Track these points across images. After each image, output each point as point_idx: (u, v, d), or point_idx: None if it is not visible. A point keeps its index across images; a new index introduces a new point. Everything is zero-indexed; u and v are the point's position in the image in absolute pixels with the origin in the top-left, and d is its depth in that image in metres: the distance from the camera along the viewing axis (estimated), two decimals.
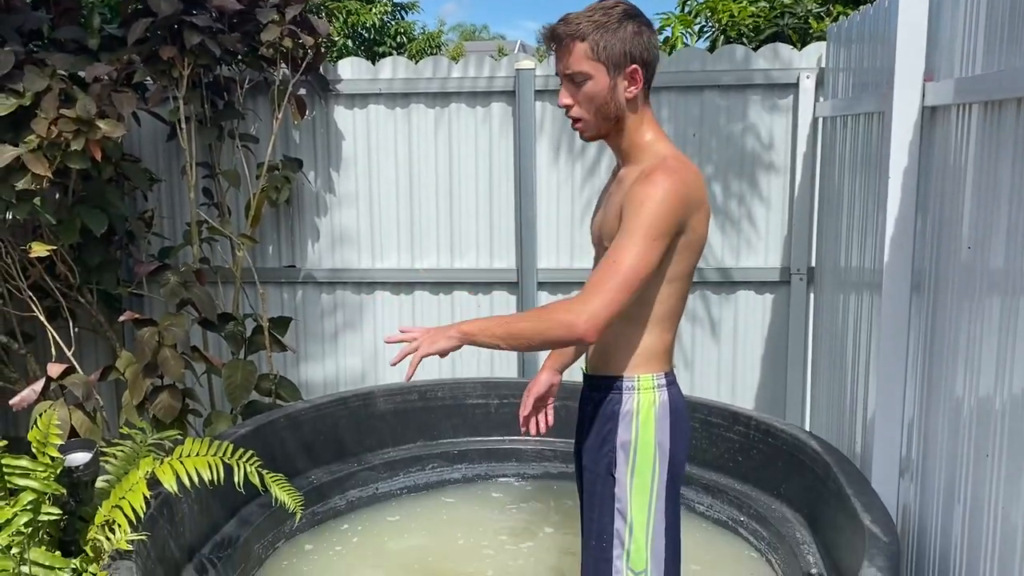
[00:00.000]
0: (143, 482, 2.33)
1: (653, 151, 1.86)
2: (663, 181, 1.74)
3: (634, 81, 1.83)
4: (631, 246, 1.72)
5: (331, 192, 4.14)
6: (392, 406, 3.57)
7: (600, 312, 1.70)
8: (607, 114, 1.84)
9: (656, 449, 1.89)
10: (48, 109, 3.00)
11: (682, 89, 3.86)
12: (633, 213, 1.74)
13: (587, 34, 1.79)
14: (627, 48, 1.80)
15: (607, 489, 1.91)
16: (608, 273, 1.72)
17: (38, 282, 3.51)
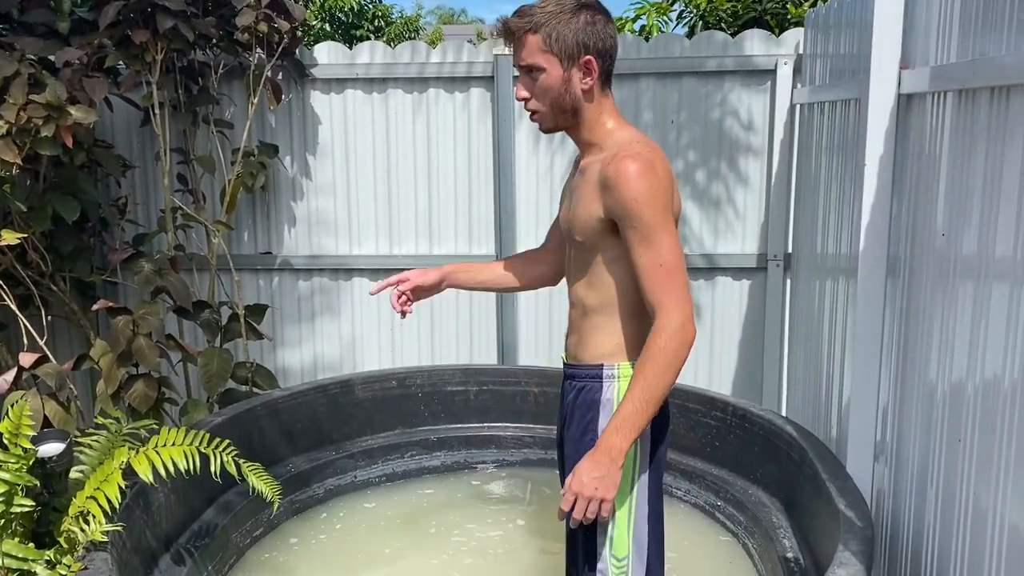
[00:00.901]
0: (118, 472, 2.31)
1: (614, 139, 1.86)
2: (642, 168, 1.74)
3: (589, 72, 1.82)
4: (658, 243, 1.74)
5: (308, 178, 4.10)
6: (371, 393, 3.55)
7: (686, 313, 1.74)
8: (563, 106, 1.84)
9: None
10: (16, 94, 2.94)
11: (661, 75, 3.86)
12: (634, 214, 1.74)
13: (540, 25, 1.78)
14: (580, 39, 1.79)
15: None
16: (663, 275, 1.74)
17: (9, 270, 3.45)
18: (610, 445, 1.76)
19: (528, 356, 4.11)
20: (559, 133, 1.96)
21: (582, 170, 1.90)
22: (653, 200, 1.73)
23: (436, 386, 3.63)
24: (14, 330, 3.71)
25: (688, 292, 1.76)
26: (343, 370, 4.19)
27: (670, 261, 1.74)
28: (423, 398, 3.61)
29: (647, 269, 1.75)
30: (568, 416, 2.00)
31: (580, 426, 1.95)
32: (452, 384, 3.64)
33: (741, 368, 4.05)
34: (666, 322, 1.73)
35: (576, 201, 1.90)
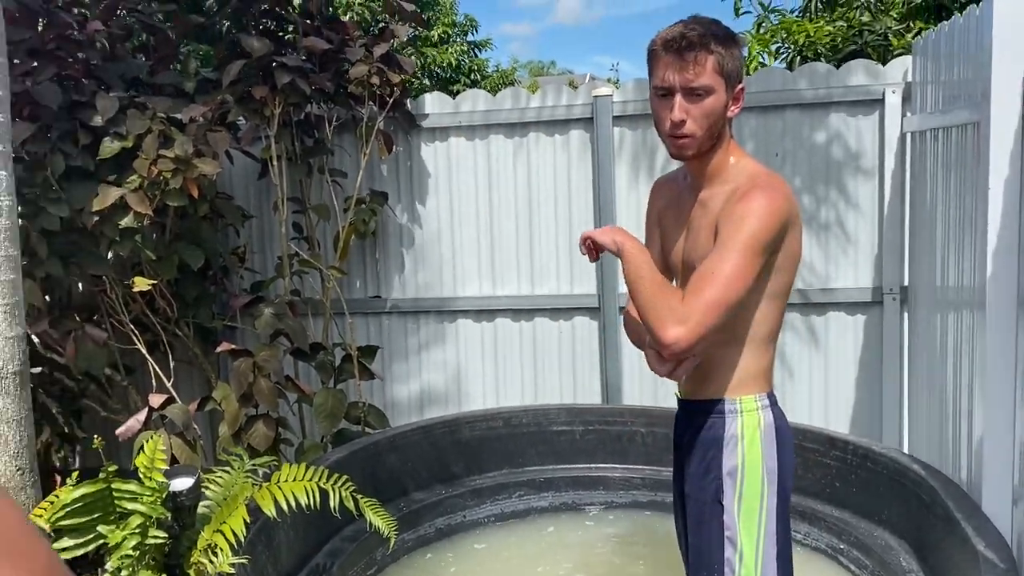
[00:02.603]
0: (243, 507, 2.39)
1: (739, 170, 1.83)
2: (761, 197, 1.72)
3: (738, 101, 1.81)
4: (730, 258, 1.69)
5: (414, 223, 4.22)
6: (477, 433, 3.58)
7: (696, 332, 1.68)
8: (715, 131, 1.79)
9: (764, 473, 1.83)
10: (149, 150, 3.15)
11: (763, 109, 3.82)
12: (733, 228, 1.71)
13: (715, 47, 1.73)
14: (737, 66, 1.77)
15: (715, 517, 1.86)
16: (706, 284, 1.69)
17: (139, 316, 3.66)
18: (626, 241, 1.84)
19: (633, 396, 4.06)
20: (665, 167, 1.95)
21: (703, 201, 1.87)
22: (757, 226, 1.70)
23: (541, 426, 3.62)
24: (142, 373, 3.92)
25: (711, 316, 1.68)
26: (448, 409, 4.24)
27: (721, 278, 1.68)
28: (529, 438, 3.60)
29: (702, 269, 1.72)
30: (687, 454, 1.94)
31: (702, 464, 1.89)
32: (557, 424, 3.63)
33: (859, 406, 3.89)
34: (678, 308, 1.70)
35: (694, 233, 1.87)
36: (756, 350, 1.84)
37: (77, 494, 2.32)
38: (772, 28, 6.72)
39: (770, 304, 1.82)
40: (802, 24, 6.45)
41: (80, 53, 3.55)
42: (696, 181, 1.91)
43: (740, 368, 1.85)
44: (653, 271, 1.79)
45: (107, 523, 2.35)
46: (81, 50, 3.54)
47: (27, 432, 2.79)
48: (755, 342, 1.83)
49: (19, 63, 3.31)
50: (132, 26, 3.96)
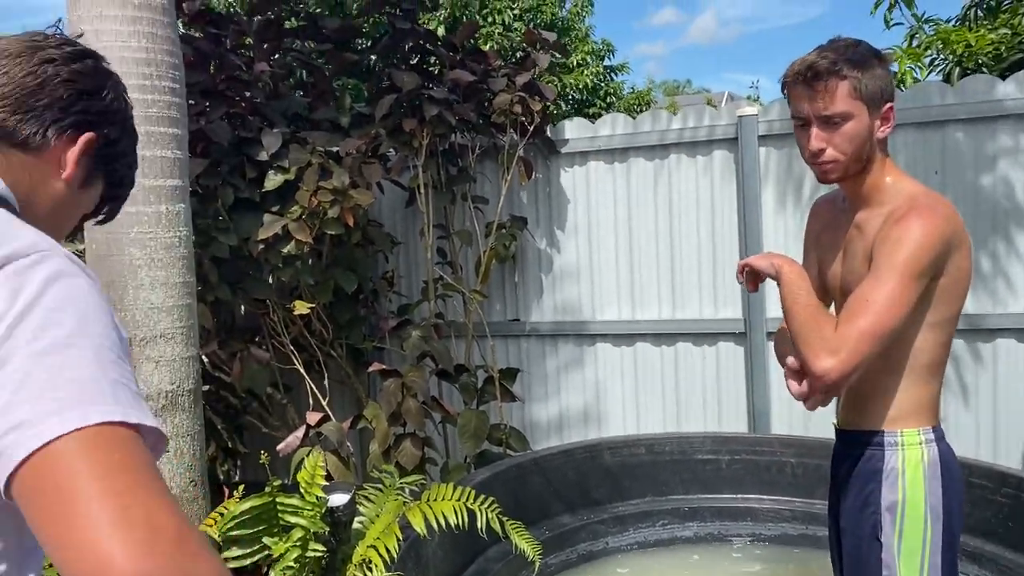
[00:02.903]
0: (395, 524, 2.48)
1: (897, 191, 1.75)
2: (919, 219, 1.65)
3: (888, 120, 1.74)
4: (885, 285, 1.63)
5: (553, 247, 4.26)
6: (618, 459, 3.56)
7: (848, 363, 1.63)
8: (861, 155, 1.74)
9: (928, 512, 1.73)
10: (309, 182, 3.34)
11: (920, 125, 3.64)
12: (888, 252, 1.65)
13: (848, 72, 1.69)
14: (881, 86, 1.71)
15: (873, 554, 1.77)
16: (860, 312, 1.64)
17: (297, 338, 3.87)
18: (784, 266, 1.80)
19: (781, 425, 3.92)
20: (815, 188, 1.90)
21: (859, 224, 1.81)
22: (914, 250, 1.62)
23: (686, 453, 3.56)
24: (297, 392, 4.14)
25: (864, 345, 1.62)
26: (587, 434, 4.23)
27: (879, 307, 1.61)
28: (672, 466, 3.55)
29: (855, 299, 1.65)
30: (844, 487, 1.87)
31: (859, 497, 1.80)
32: (702, 452, 3.56)
33: None
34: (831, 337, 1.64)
35: (851, 258, 1.81)
36: (918, 380, 1.75)
37: (245, 506, 2.47)
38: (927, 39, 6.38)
39: (933, 332, 1.73)
40: (961, 33, 6.10)
41: (247, 92, 3.82)
42: (852, 203, 1.84)
43: (900, 399, 1.76)
44: (809, 296, 1.75)
45: (271, 535, 2.49)
46: (248, 89, 3.81)
47: (199, 446, 3.00)
48: (916, 372, 1.74)
49: (193, 103, 3.60)
50: (292, 65, 4.23)
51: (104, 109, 1.04)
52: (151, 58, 2.80)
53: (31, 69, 0.98)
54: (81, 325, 0.79)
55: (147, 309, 2.84)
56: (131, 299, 2.83)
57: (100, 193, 1.11)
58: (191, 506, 2.94)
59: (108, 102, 1.05)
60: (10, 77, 0.97)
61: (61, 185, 1.02)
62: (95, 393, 0.75)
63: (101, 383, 0.76)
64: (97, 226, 1.23)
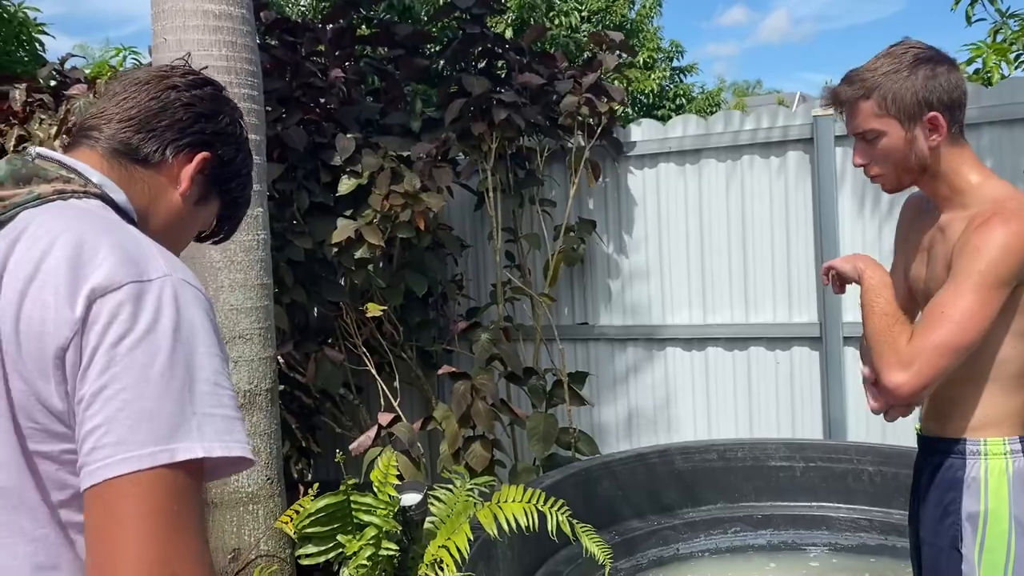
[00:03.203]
0: (467, 524, 2.49)
1: (982, 194, 1.68)
2: (1002, 225, 1.58)
3: (936, 128, 1.67)
4: (964, 294, 1.57)
5: (622, 251, 4.23)
6: (690, 465, 3.51)
7: (920, 377, 1.59)
8: (908, 167, 1.72)
9: (1013, 524, 1.66)
10: (382, 186, 3.40)
11: (1007, 123, 3.50)
12: (967, 260, 1.59)
13: (872, 90, 1.68)
14: (921, 96, 1.66)
15: (952, 565, 1.72)
16: (935, 324, 1.59)
17: (368, 339, 3.93)
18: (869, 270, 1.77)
19: (858, 432, 3.82)
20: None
21: (942, 227, 1.75)
22: (994, 256, 1.56)
23: (758, 460, 3.49)
24: (368, 393, 4.20)
25: (938, 357, 1.57)
26: (657, 439, 4.19)
27: (952, 316, 1.56)
28: (745, 472, 3.49)
29: (933, 307, 1.61)
30: (924, 495, 1.81)
31: (939, 507, 1.75)
32: (776, 459, 3.49)
33: None
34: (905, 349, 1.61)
35: (934, 261, 1.75)
36: (1003, 389, 1.68)
37: (320, 504, 2.52)
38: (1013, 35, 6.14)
39: (1019, 341, 1.65)
40: None
41: (321, 99, 3.90)
42: (936, 204, 1.79)
43: (984, 407, 1.69)
44: (888, 304, 1.70)
45: (345, 533, 2.53)
46: (322, 96, 3.89)
47: (276, 445, 3.08)
48: (1002, 381, 1.67)
49: (270, 110, 3.69)
50: (364, 71, 4.30)
51: (220, 131, 1.12)
52: (231, 66, 2.88)
53: (155, 94, 1.08)
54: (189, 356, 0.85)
55: (227, 310, 2.92)
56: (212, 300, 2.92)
57: (216, 211, 1.18)
58: (267, 503, 3.01)
59: (224, 125, 1.13)
60: (137, 101, 1.07)
61: (177, 199, 1.09)
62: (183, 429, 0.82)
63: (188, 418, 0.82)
64: None
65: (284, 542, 3.00)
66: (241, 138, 1.16)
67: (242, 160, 1.17)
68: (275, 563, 2.93)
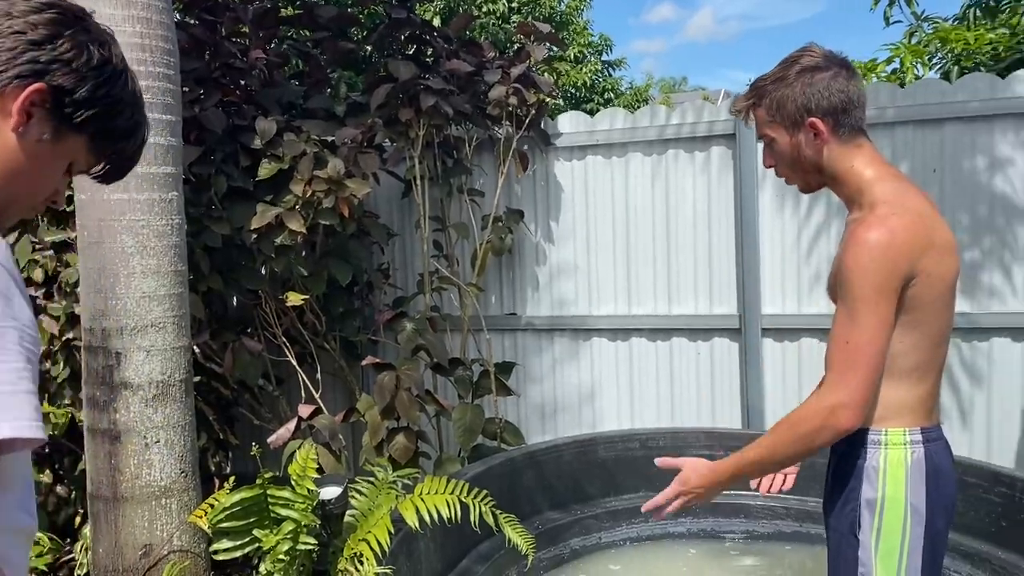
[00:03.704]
0: (387, 517, 2.46)
1: (871, 196, 1.73)
2: (867, 239, 1.63)
3: (818, 133, 1.74)
4: (857, 320, 1.63)
5: (550, 241, 4.24)
6: (613, 454, 3.54)
7: (845, 400, 1.65)
8: (804, 169, 1.81)
9: (908, 511, 1.72)
10: (304, 171, 3.31)
11: (918, 123, 3.62)
12: (847, 283, 1.65)
13: (762, 98, 1.79)
14: (800, 103, 1.74)
15: (851, 550, 1.78)
16: (843, 356, 1.66)
17: (289, 329, 3.84)
18: (721, 470, 1.85)
19: (775, 420, 3.90)
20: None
21: (846, 226, 1.81)
22: (869, 273, 1.62)
23: (680, 449, 3.54)
24: (289, 384, 4.11)
25: (864, 382, 1.63)
26: (582, 428, 4.22)
27: (857, 342, 1.63)
28: None
29: (835, 340, 1.67)
30: (831, 483, 1.86)
31: (841, 494, 1.80)
32: (696, 447, 3.54)
33: None
34: (821, 399, 1.66)
35: (837, 260, 1.80)
36: (902, 381, 1.73)
37: (236, 498, 2.45)
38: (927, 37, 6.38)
39: (911, 336, 1.70)
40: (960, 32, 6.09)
41: (242, 80, 3.78)
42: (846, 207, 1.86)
43: (885, 400, 1.74)
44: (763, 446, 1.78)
45: (262, 527, 2.47)
46: (243, 77, 3.77)
47: (190, 437, 2.98)
48: (900, 373, 1.72)
49: (188, 90, 3.56)
50: (287, 53, 4.19)
51: (57, 58, 1.01)
52: (145, 43, 2.76)
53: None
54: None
55: (139, 297, 2.81)
56: (123, 287, 2.80)
57: (83, 148, 1.08)
58: (181, 497, 2.91)
59: (63, 51, 1.02)
60: None
61: (11, 136, 1.00)
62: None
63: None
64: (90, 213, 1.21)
65: (199, 537, 2.91)
66: (92, 64, 1.04)
67: (95, 88, 1.05)
68: (188, 558, 2.84)
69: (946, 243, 1.72)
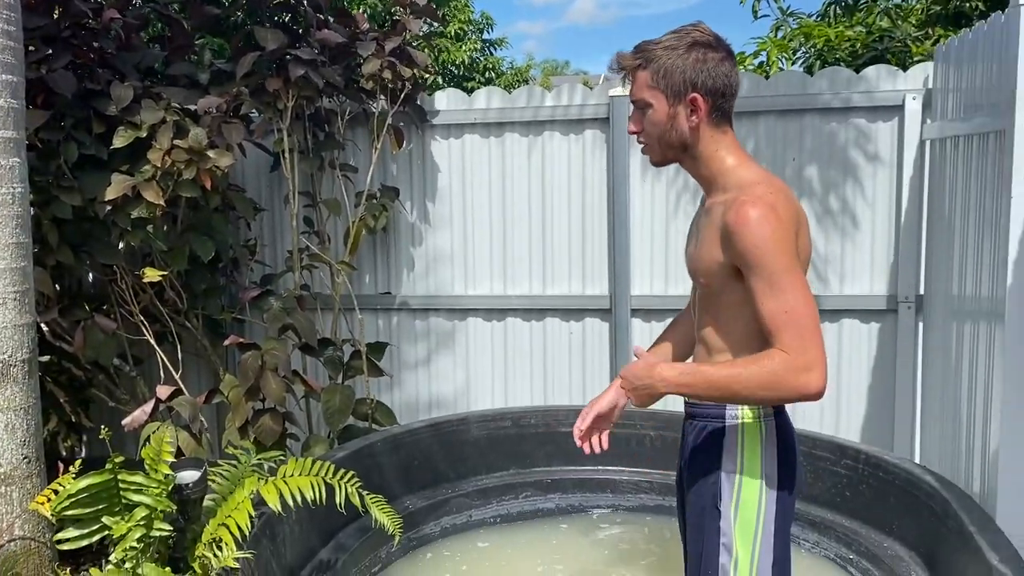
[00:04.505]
0: (248, 501, 2.38)
1: (736, 178, 1.79)
2: (762, 213, 1.67)
3: (696, 110, 1.77)
4: (785, 289, 1.66)
5: (426, 220, 4.20)
6: (485, 432, 3.55)
7: (811, 362, 1.64)
8: (670, 142, 1.81)
9: (763, 481, 1.82)
10: (163, 140, 3.14)
11: (780, 113, 3.78)
12: (757, 263, 1.67)
13: (649, 61, 1.77)
14: (688, 76, 1.75)
15: (712, 522, 1.86)
16: (790, 322, 1.66)
17: (148, 307, 3.65)
18: (663, 375, 1.76)
19: None
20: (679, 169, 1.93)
21: (707, 210, 1.84)
22: (776, 245, 1.66)
23: (550, 427, 3.59)
24: (150, 364, 3.91)
25: (819, 341, 1.64)
26: (457, 408, 4.22)
27: (796, 308, 1.65)
28: (537, 438, 3.57)
29: (773, 317, 1.67)
30: (689, 458, 1.94)
31: (702, 468, 1.88)
32: (566, 425, 3.55)
33: (871, 415, 3.85)
34: (791, 358, 1.64)
35: (700, 242, 1.85)
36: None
37: (83, 484, 2.31)
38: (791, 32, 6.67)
39: None
40: (822, 28, 6.40)
41: (95, 42, 3.54)
42: (702, 188, 1.90)
43: None
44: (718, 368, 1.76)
45: (112, 514, 2.34)
46: (96, 39, 3.53)
47: (34, 420, 2.79)
48: (753, 348, 1.77)
49: (34, 50, 3.30)
50: (147, 16, 3.95)
51: None
52: None
53: None
54: None
55: None
56: None
57: None
58: (23, 484, 2.73)
59: None
60: None
61: None
62: None
63: None
64: None
65: (44, 525, 2.74)
66: None
67: None
68: (32, 548, 2.67)
69: (805, 222, 1.80)
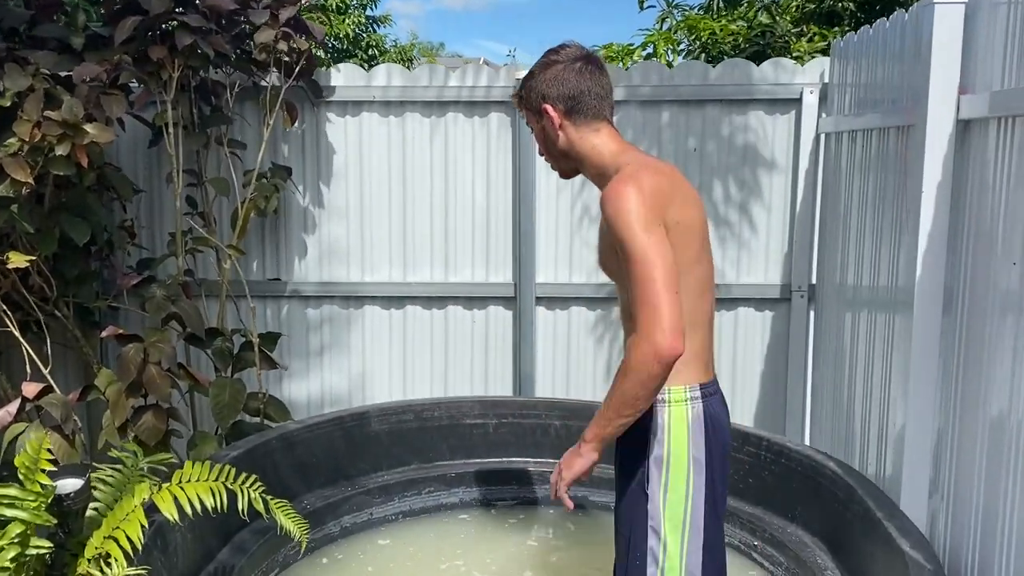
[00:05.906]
0: (140, 510, 2.16)
1: (615, 166, 1.88)
2: (619, 191, 1.75)
3: (550, 118, 1.90)
4: (646, 253, 1.69)
5: (320, 202, 3.98)
6: (387, 427, 3.42)
7: (665, 321, 1.66)
8: (555, 153, 1.97)
9: (691, 464, 1.86)
10: (31, 111, 2.81)
11: (682, 103, 3.81)
12: (617, 236, 1.74)
13: (520, 90, 1.98)
14: (539, 91, 1.92)
15: (640, 506, 1.88)
16: (648, 292, 1.68)
17: (10, 294, 3.29)
18: (585, 440, 1.87)
19: (546, 388, 3.99)
20: None
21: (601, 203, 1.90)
22: (632, 213, 1.72)
23: (454, 419, 3.50)
24: (12, 358, 3.54)
25: (674, 308, 1.67)
26: (352, 403, 4.05)
27: (654, 275, 1.68)
28: (440, 431, 3.47)
29: (636, 286, 1.70)
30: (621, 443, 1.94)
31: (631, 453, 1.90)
32: (470, 417, 3.52)
33: (763, 401, 3.96)
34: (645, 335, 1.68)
35: (602, 240, 1.95)
36: None
37: None
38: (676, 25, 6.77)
39: None
40: (707, 22, 6.53)
41: None
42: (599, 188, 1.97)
43: None
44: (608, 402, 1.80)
45: None
46: None
47: None
48: None
49: None
50: None
51: None
52: None
53: None
54: None
55: None
56: None
57: None
58: None
59: None
60: None
61: None
62: None
63: None
64: None
65: None
66: None
67: None
68: None
69: (689, 195, 1.88)
